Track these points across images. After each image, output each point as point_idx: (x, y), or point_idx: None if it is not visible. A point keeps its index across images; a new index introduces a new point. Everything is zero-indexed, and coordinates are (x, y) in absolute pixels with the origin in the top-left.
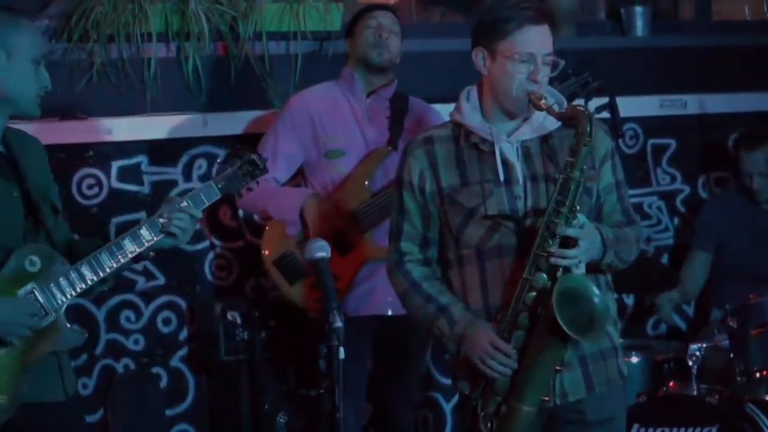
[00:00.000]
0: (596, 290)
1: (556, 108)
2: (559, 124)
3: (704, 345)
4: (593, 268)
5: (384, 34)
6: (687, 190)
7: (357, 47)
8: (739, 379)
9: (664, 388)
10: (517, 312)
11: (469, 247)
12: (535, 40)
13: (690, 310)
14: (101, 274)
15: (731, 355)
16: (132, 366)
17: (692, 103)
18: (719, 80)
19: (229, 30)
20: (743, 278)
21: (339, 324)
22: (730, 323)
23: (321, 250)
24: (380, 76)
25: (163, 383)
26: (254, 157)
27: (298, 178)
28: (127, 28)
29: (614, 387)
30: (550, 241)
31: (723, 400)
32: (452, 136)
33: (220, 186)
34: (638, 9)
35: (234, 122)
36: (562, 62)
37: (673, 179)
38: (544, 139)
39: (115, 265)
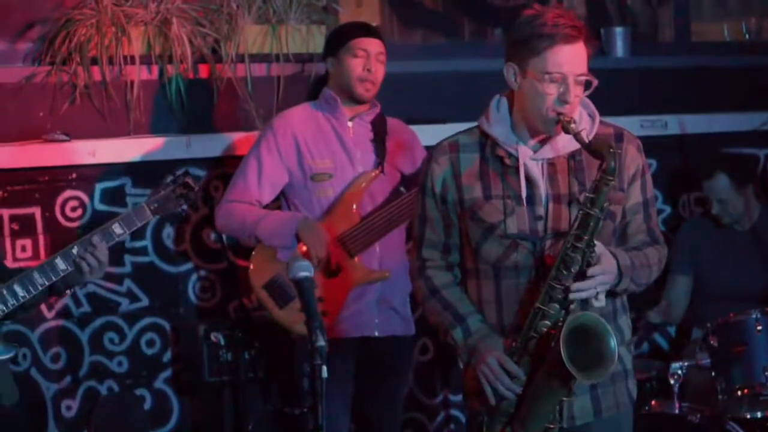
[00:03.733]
0: (609, 329)
1: (584, 135)
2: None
3: (686, 364)
4: (608, 293)
5: (372, 67)
6: (668, 210)
7: (342, 75)
8: (720, 397)
9: (647, 407)
10: (527, 339)
11: (487, 263)
12: (568, 60)
13: (672, 330)
14: (32, 291)
15: (712, 374)
16: (116, 388)
17: (672, 124)
18: (699, 101)
19: (212, 52)
20: (722, 298)
21: (322, 342)
22: (711, 342)
23: (304, 269)
24: (364, 104)
25: (148, 405)
26: (188, 180)
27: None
28: (110, 50)
29: (622, 410)
30: (565, 273)
31: (704, 418)
32: (478, 145)
33: (152, 208)
34: (618, 29)
35: (217, 144)
36: (596, 81)
37: (655, 199)
38: (572, 155)
39: (46, 283)
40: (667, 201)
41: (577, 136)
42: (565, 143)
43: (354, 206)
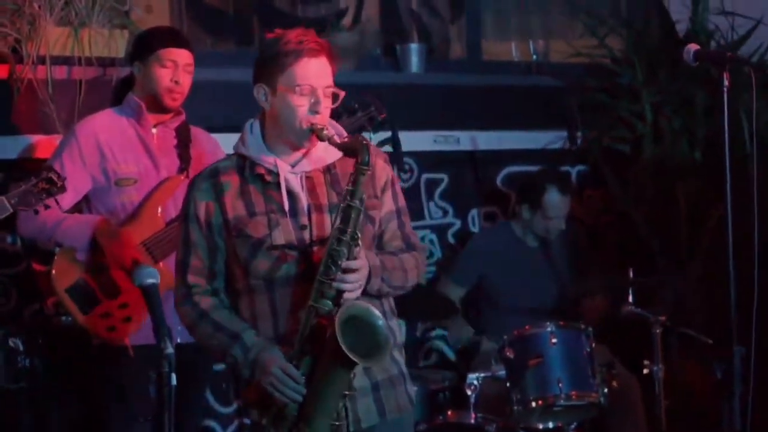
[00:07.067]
0: (379, 315)
1: (337, 139)
2: (340, 154)
3: (481, 375)
4: (373, 295)
5: (180, 79)
6: (458, 223)
7: (149, 82)
8: (515, 408)
9: (442, 417)
10: (303, 339)
11: (258, 278)
12: (314, 73)
13: None
14: None
15: (508, 385)
16: None
17: (464, 140)
18: (491, 118)
19: (12, 52)
20: (514, 311)
21: (170, 350)
22: (507, 354)
23: (151, 276)
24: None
25: None
26: (52, 175)
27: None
28: None
29: (404, 413)
30: (333, 269)
31: (499, 428)
32: (237, 168)
33: (12, 202)
34: (413, 46)
35: (16, 145)
36: (343, 93)
37: (445, 213)
38: (327, 169)
39: None
40: (457, 215)
41: (330, 140)
42: (320, 157)
43: (159, 211)
